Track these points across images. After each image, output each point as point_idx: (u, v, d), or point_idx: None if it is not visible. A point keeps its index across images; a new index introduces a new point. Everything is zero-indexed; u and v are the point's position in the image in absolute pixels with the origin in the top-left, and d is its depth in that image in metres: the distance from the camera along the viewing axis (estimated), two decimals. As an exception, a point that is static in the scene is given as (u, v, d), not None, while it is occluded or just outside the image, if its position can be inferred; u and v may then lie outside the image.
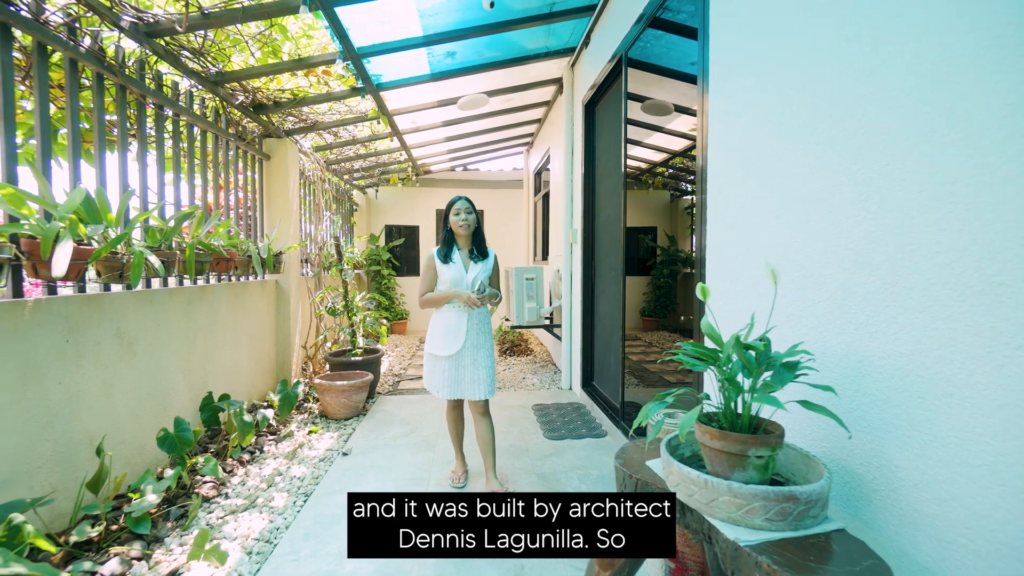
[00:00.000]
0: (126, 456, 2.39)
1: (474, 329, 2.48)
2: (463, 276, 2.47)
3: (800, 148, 1.41)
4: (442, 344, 2.47)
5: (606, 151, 3.83)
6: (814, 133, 1.35)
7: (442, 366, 2.49)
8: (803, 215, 1.39)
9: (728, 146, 1.82)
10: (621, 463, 1.40)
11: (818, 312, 1.32)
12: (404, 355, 6.21)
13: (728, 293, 1.81)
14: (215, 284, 3.31)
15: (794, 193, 1.43)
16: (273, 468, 2.76)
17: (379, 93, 3.94)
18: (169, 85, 2.92)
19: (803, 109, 1.40)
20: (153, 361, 2.60)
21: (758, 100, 1.62)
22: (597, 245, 4.05)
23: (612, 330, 3.57)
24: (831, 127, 1.29)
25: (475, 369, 2.47)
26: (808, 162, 1.37)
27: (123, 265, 2.20)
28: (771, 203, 1.54)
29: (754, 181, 1.64)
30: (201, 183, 3.28)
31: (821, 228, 1.31)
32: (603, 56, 3.54)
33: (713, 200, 1.93)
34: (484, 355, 2.50)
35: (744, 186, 1.70)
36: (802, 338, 1.34)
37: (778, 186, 1.51)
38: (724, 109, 1.86)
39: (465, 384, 2.47)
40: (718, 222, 1.89)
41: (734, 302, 1.75)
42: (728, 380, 1.14)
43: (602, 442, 3.20)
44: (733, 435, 1.10)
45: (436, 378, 2.51)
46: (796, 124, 1.43)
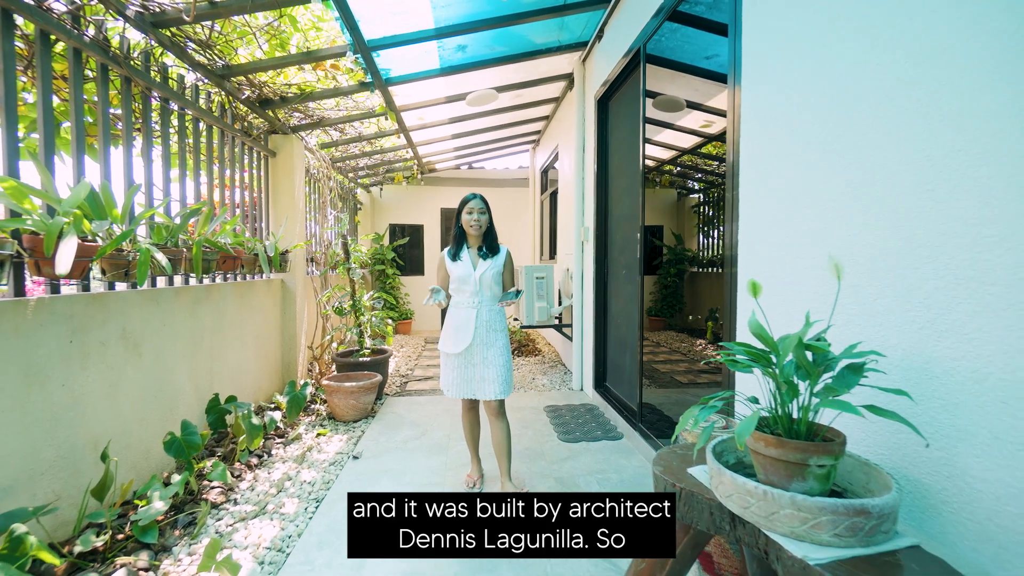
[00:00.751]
0: (131, 461, 2.31)
1: (483, 326, 2.42)
2: (471, 273, 2.43)
3: (849, 135, 1.33)
4: (451, 341, 2.44)
5: (620, 147, 3.74)
6: (867, 118, 1.27)
7: (452, 364, 2.46)
8: (856, 206, 1.31)
9: (765, 139, 1.74)
10: (661, 470, 1.32)
11: (875, 310, 1.24)
12: (410, 355, 6.13)
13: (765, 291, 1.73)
14: (221, 283, 3.23)
15: (844, 183, 1.35)
16: (282, 472, 2.68)
17: (387, 88, 3.86)
18: (175, 78, 2.84)
19: (852, 94, 1.31)
20: (159, 362, 2.52)
21: (800, 88, 1.54)
22: (610, 243, 3.97)
23: (628, 330, 3.48)
24: (888, 110, 1.20)
25: (485, 368, 2.41)
26: (859, 150, 1.29)
27: (128, 263, 2.12)
28: (817, 195, 1.46)
29: (796, 173, 1.56)
30: (207, 180, 3.20)
31: (878, 220, 1.23)
32: (618, 50, 3.46)
33: (746, 195, 1.84)
34: (495, 353, 2.42)
35: (784, 179, 1.62)
36: (858, 337, 1.26)
37: (824, 177, 1.43)
38: (759, 101, 1.78)
39: (475, 383, 2.43)
40: (753, 218, 1.80)
41: (771, 300, 1.67)
42: (786, 383, 1.06)
43: (619, 445, 3.12)
44: (792, 442, 1.02)
45: (448, 376, 2.48)
46: (843, 111, 1.34)
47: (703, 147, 4.18)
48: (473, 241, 2.50)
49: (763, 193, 1.74)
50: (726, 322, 1.97)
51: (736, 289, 1.88)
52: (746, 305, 1.82)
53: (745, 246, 1.84)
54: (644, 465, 2.80)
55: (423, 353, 6.27)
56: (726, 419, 1.70)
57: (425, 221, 8.55)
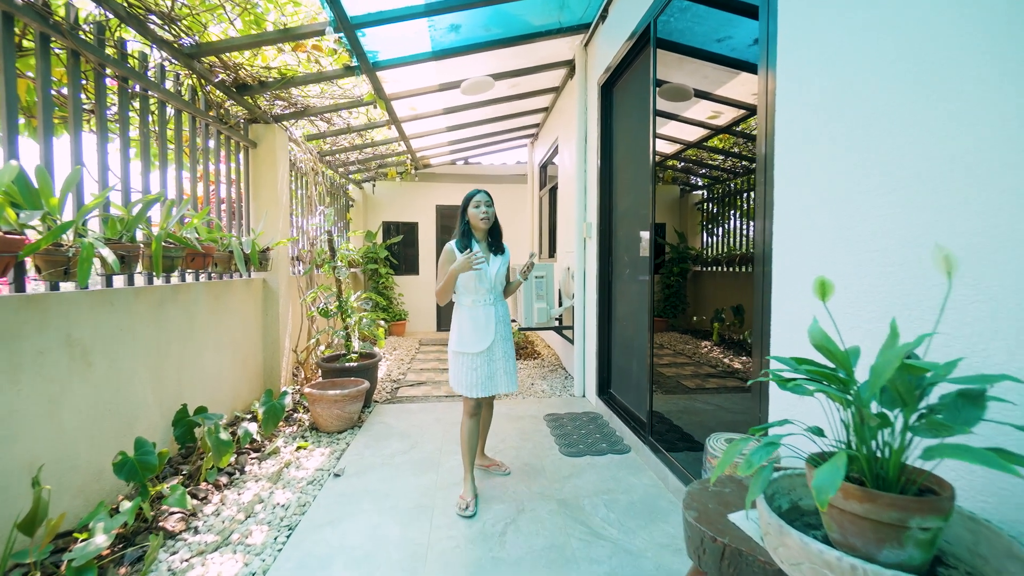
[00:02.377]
0: (79, 485, 2.04)
1: (501, 321, 2.44)
2: (486, 269, 2.38)
3: (921, 112, 1.06)
4: (473, 340, 2.36)
5: (626, 136, 3.48)
6: (947, 88, 1.01)
7: (474, 363, 2.36)
8: (954, 184, 1.04)
9: (808, 123, 1.47)
10: (695, 517, 1.06)
11: (971, 317, 0.97)
12: (403, 358, 5.86)
13: (801, 294, 1.46)
14: (192, 283, 2.95)
15: (916, 165, 1.09)
16: (254, 494, 2.41)
17: (375, 73, 3.58)
18: (136, 56, 2.57)
19: (924, 66, 1.05)
20: (114, 371, 2.25)
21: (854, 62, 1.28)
22: (615, 240, 3.70)
23: (636, 333, 3.23)
24: (976, 75, 0.94)
25: (506, 361, 2.44)
26: (939, 123, 1.03)
27: (69, 260, 1.85)
28: (877, 182, 1.20)
29: (848, 161, 1.29)
30: (176, 170, 2.92)
31: (968, 207, 0.97)
32: (623, 31, 3.19)
33: (784, 187, 1.58)
34: (511, 346, 2.50)
35: (832, 169, 1.36)
36: (951, 352, 1.00)
37: (885, 162, 1.16)
38: (795, 86, 1.51)
39: (499, 378, 2.42)
40: (790, 212, 1.54)
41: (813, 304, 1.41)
42: (877, 416, 0.79)
43: (626, 459, 2.85)
44: (887, 497, 0.76)
45: (468, 377, 2.36)
46: (911, 79, 1.08)
47: (708, 140, 3.93)
48: (480, 235, 2.46)
49: (802, 184, 1.48)
50: (756, 328, 1.71)
51: (770, 290, 1.62)
52: (786, 308, 1.56)
53: (781, 243, 1.58)
54: (655, 484, 2.53)
55: (416, 356, 5.99)
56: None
57: (420, 219, 8.27)
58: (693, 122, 3.64)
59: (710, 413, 2.76)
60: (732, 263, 3.67)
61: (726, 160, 4.08)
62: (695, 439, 2.58)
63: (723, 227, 3.82)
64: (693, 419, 2.73)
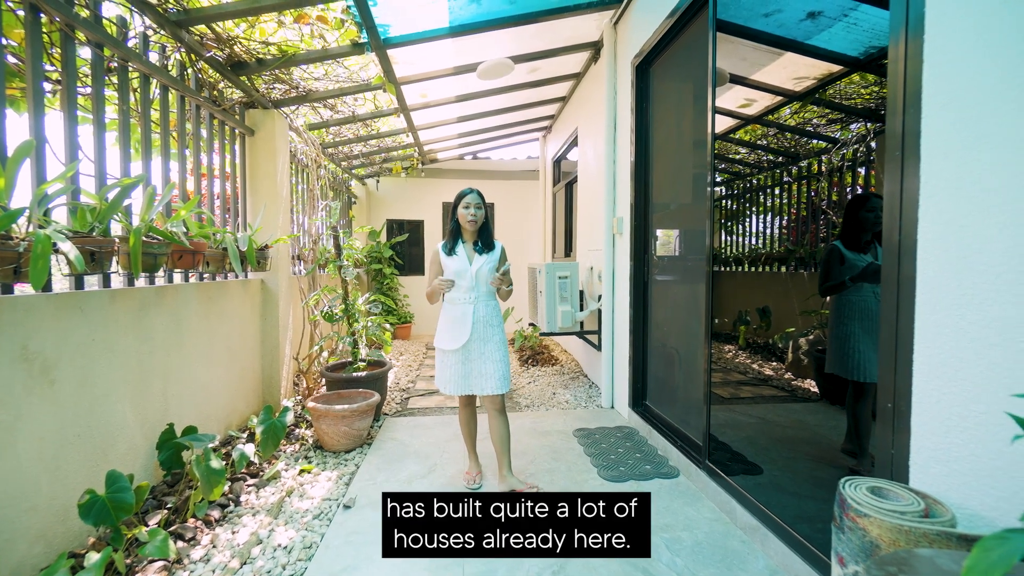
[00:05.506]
0: (38, 529, 1.68)
1: (480, 321, 2.42)
2: (467, 268, 2.40)
3: None
4: (448, 338, 2.43)
5: (668, 119, 3.13)
6: None
7: (450, 361, 2.43)
8: None
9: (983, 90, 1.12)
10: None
11: None
12: (411, 364, 5.50)
13: (978, 307, 1.11)
14: (181, 284, 2.60)
15: None
16: (251, 532, 2.05)
17: (386, 51, 3.23)
18: (115, 20, 2.21)
19: None
20: (84, 389, 1.89)
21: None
22: (652, 236, 3.35)
23: (683, 341, 2.88)
24: None
25: (483, 362, 2.41)
26: None
27: (19, 256, 1.49)
28: None
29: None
30: (162, 159, 2.57)
31: None
32: (664, 6, 2.84)
33: (932, 170, 1.22)
34: (493, 348, 2.42)
35: None
36: None
37: None
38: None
39: (474, 378, 2.42)
40: (948, 201, 1.19)
41: (986, 320, 1.06)
42: None
43: (677, 485, 2.50)
44: None
45: (445, 373, 2.45)
46: None
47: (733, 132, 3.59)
48: (468, 236, 2.48)
49: (971, 166, 1.12)
50: (885, 344, 1.35)
51: (914, 298, 1.26)
52: (932, 321, 1.21)
53: (930, 240, 1.22)
54: (719, 518, 2.18)
55: (425, 361, 5.63)
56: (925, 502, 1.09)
57: (426, 216, 7.92)
58: (723, 111, 3.29)
59: (756, 427, 2.41)
60: (756, 263, 3.30)
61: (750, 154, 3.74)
62: (747, 459, 2.23)
63: (742, 225, 3.47)
64: (739, 434, 2.38)
